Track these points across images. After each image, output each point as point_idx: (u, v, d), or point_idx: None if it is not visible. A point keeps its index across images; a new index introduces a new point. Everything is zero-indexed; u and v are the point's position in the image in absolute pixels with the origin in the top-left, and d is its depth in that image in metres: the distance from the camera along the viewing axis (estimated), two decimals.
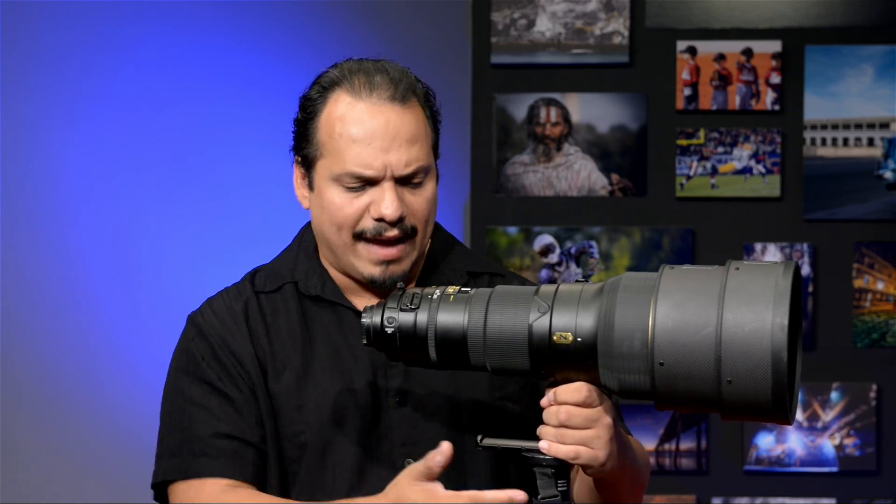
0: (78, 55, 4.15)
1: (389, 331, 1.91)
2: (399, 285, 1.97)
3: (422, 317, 1.91)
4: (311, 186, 2.10)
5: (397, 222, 2.04)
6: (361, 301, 2.12)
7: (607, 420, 1.88)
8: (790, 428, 4.10)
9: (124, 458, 4.12)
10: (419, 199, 2.07)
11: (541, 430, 1.89)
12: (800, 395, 4.06)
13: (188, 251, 4.15)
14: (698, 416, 4.12)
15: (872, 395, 4.11)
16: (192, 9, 4.17)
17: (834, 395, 4.11)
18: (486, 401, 2.10)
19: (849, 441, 4.10)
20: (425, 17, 4.18)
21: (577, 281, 1.90)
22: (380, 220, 2.04)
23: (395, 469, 2.02)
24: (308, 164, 2.09)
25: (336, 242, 2.08)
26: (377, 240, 2.05)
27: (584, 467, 1.90)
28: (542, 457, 1.89)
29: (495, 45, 4.16)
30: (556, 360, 1.85)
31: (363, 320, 1.94)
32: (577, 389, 1.86)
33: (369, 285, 2.08)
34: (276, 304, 2.13)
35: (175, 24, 4.17)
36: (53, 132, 4.15)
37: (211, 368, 2.09)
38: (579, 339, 1.83)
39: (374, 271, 2.06)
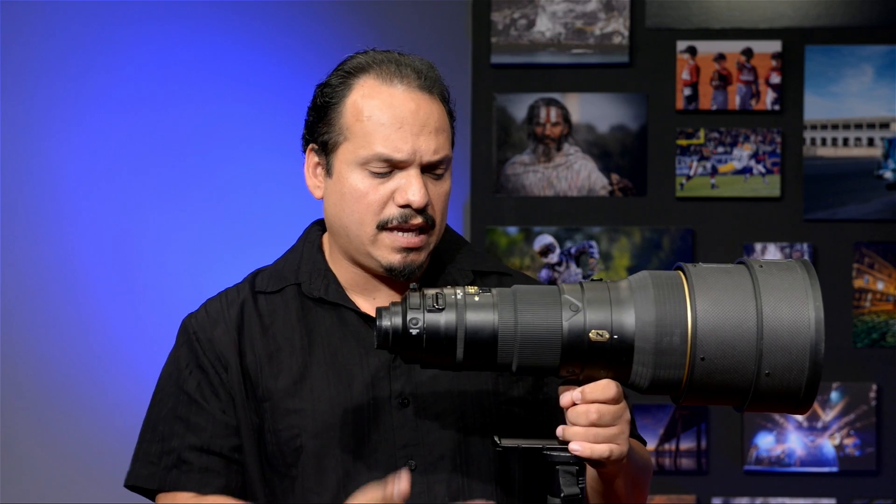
0: (78, 55, 4.15)
1: (414, 332, 1.87)
2: (413, 286, 1.93)
3: (449, 317, 1.87)
4: (329, 173, 2.08)
5: (422, 210, 2.03)
6: (364, 302, 2.11)
7: (628, 415, 1.90)
8: (790, 428, 4.10)
9: (125, 458, 4.10)
10: (439, 192, 2.07)
11: (568, 430, 1.88)
12: None
13: (188, 251, 4.14)
14: (698, 416, 4.12)
15: (872, 395, 4.11)
16: (192, 9, 4.17)
17: (834, 395, 4.11)
18: (490, 402, 2.09)
19: (849, 441, 4.10)
20: (425, 17, 4.18)
21: (592, 279, 1.90)
22: (405, 206, 2.02)
23: (396, 471, 2.00)
24: (328, 150, 2.07)
25: (355, 231, 2.06)
26: (401, 227, 2.04)
27: (602, 463, 1.90)
28: (566, 455, 1.88)
29: (495, 45, 4.16)
30: (588, 358, 1.86)
31: (381, 323, 1.88)
32: (606, 386, 1.87)
33: (387, 274, 2.06)
34: (276, 306, 2.12)
35: (175, 24, 4.17)
36: (53, 132, 4.14)
37: (193, 377, 2.09)
38: (615, 337, 1.84)
39: (393, 259, 2.05)
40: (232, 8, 4.17)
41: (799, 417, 4.11)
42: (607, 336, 1.85)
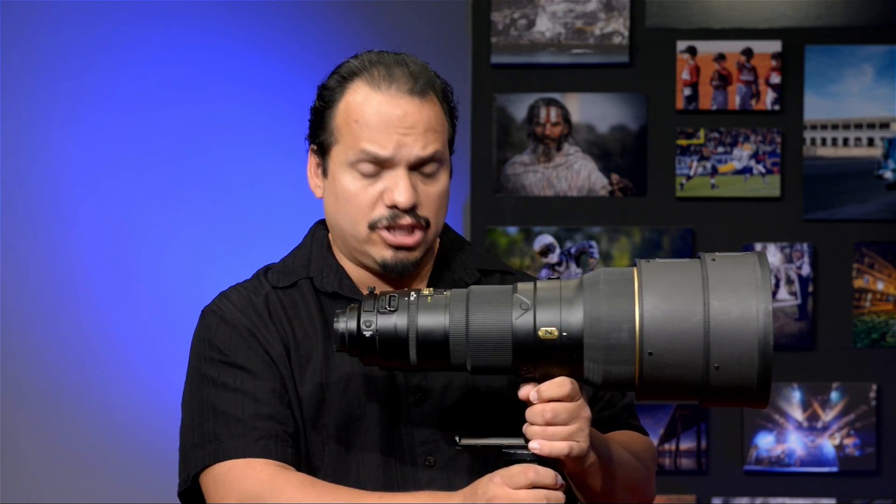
0: (78, 55, 4.15)
1: (367, 334, 1.91)
2: (369, 288, 1.96)
3: (401, 319, 1.91)
4: (325, 174, 2.11)
5: (410, 210, 2.05)
6: None
7: (587, 412, 1.92)
8: (790, 428, 4.10)
9: (125, 457, 4.12)
10: (432, 191, 2.08)
11: (527, 429, 1.91)
12: (800, 395, 4.06)
13: (188, 251, 4.15)
14: (698, 416, 4.12)
15: (872, 395, 4.11)
16: (192, 9, 4.17)
17: (834, 395, 4.11)
18: (503, 399, 2.09)
19: (849, 441, 4.10)
20: (425, 17, 4.18)
21: (549, 278, 1.93)
22: (393, 206, 2.04)
23: (417, 466, 2.06)
24: (323, 151, 2.10)
25: (350, 231, 2.08)
26: (391, 227, 2.05)
27: (569, 463, 1.92)
28: (523, 453, 1.91)
29: (495, 45, 4.16)
30: (540, 356, 1.88)
31: (337, 326, 1.93)
32: (560, 384, 1.89)
33: (382, 270, 2.08)
34: (295, 299, 2.12)
35: (175, 24, 4.17)
36: (53, 132, 4.15)
37: (240, 353, 2.07)
38: (565, 334, 1.86)
39: (385, 254, 2.06)
40: (232, 8, 4.18)
41: (799, 417, 4.11)
42: (556, 333, 1.86)
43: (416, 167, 2.06)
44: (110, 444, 4.13)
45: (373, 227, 2.06)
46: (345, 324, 1.92)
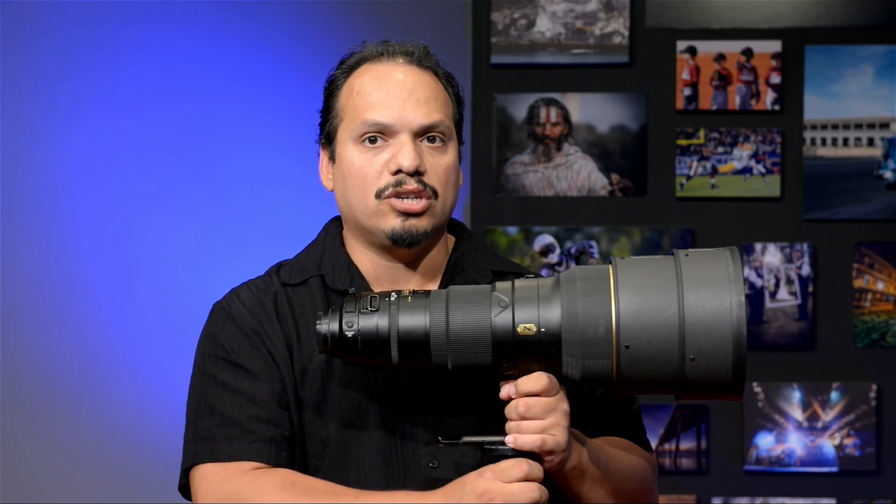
0: (78, 55, 4.15)
1: (350, 335, 1.94)
2: (351, 290, 1.99)
3: (382, 319, 1.94)
4: (333, 159, 2.12)
5: (415, 174, 2.06)
6: None
7: (564, 407, 1.94)
8: (790, 428, 4.10)
9: (125, 457, 4.12)
10: (439, 162, 2.09)
11: (507, 425, 1.94)
12: (800, 395, 4.06)
13: (188, 251, 4.15)
14: (698, 416, 4.12)
15: (872, 395, 4.11)
16: (192, 9, 4.17)
17: (834, 395, 4.11)
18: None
19: (849, 441, 4.11)
20: (425, 17, 4.18)
21: (526, 277, 1.96)
22: (398, 172, 2.05)
23: (420, 468, 2.06)
24: (331, 139, 2.12)
25: (359, 206, 2.08)
26: (398, 194, 2.06)
27: (548, 459, 1.93)
28: (503, 448, 1.93)
29: (495, 45, 4.16)
30: (519, 353, 1.91)
31: (319, 328, 1.95)
32: (538, 378, 1.92)
33: (391, 243, 2.08)
34: (303, 297, 2.13)
35: (175, 24, 4.17)
36: (53, 132, 4.15)
37: (243, 353, 2.08)
38: (543, 330, 1.90)
39: (395, 224, 2.07)
40: (232, 8, 4.18)
41: (799, 417, 4.11)
42: (535, 329, 1.90)
43: (420, 136, 2.07)
44: (110, 444, 4.13)
45: (379, 195, 2.06)
46: (327, 325, 1.95)
